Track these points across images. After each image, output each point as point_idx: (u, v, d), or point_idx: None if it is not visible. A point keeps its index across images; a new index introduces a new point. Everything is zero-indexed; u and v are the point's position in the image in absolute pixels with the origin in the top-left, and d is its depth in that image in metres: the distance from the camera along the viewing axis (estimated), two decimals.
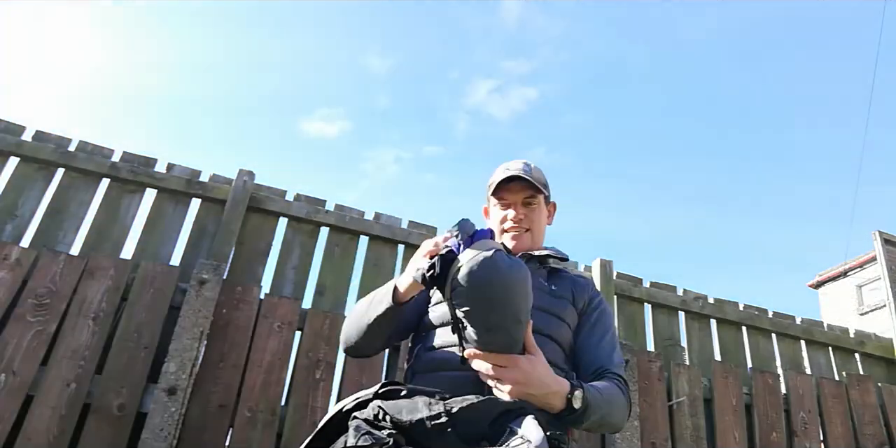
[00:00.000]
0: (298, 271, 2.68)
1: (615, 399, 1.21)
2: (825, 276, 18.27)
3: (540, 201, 1.46)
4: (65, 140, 2.59)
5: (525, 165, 1.46)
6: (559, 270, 1.45)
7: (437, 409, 1.00)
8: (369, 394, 1.11)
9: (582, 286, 1.42)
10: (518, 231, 1.43)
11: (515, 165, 1.45)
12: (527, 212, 1.44)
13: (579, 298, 1.39)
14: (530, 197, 1.44)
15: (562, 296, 1.37)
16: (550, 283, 1.39)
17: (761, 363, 3.21)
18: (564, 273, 1.45)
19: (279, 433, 2.21)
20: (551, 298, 1.35)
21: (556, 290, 1.38)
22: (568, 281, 1.42)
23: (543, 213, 1.48)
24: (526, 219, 1.44)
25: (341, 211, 2.85)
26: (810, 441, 2.89)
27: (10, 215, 2.40)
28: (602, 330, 1.37)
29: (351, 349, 1.33)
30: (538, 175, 1.46)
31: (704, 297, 3.26)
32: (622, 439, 2.52)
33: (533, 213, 1.45)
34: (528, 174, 1.43)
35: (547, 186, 1.48)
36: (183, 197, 2.66)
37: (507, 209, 1.44)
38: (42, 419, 1.98)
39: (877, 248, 4.06)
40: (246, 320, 2.34)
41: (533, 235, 1.45)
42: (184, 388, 2.10)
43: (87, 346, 2.11)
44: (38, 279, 2.16)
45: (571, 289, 1.40)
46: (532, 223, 1.44)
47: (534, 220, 1.45)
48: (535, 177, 1.43)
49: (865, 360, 3.46)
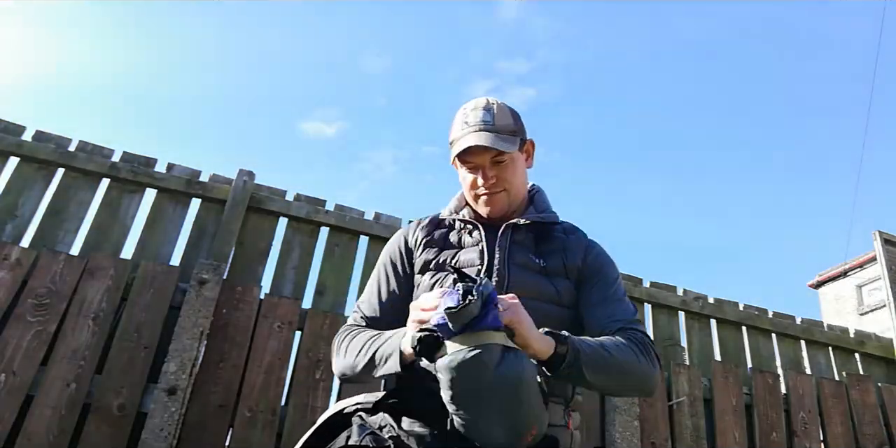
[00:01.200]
0: (298, 271, 2.68)
1: (620, 354, 1.09)
2: (825, 276, 18.27)
3: (511, 156, 1.26)
4: (65, 140, 2.58)
5: (486, 113, 1.25)
6: (548, 230, 1.31)
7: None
8: (370, 402, 1.10)
9: (573, 249, 1.28)
10: (491, 195, 1.26)
11: (475, 116, 1.25)
12: (497, 172, 1.25)
13: (572, 266, 1.26)
14: (499, 155, 1.24)
15: (555, 271, 1.24)
16: (540, 257, 1.25)
17: (761, 363, 3.21)
18: (555, 233, 1.31)
19: (279, 433, 2.21)
20: (545, 279, 1.23)
21: (548, 264, 1.24)
22: (558, 245, 1.28)
23: (518, 165, 1.29)
24: (498, 181, 1.26)
25: (341, 211, 2.85)
26: (810, 441, 2.89)
27: (10, 215, 2.40)
28: (605, 284, 1.26)
29: (347, 380, 1.25)
30: (503, 121, 1.26)
31: (704, 297, 3.26)
32: (622, 439, 2.52)
33: (505, 172, 1.26)
34: (491, 126, 1.23)
35: (517, 130, 1.28)
36: (183, 197, 2.66)
37: (476, 173, 1.26)
38: (42, 419, 1.98)
39: (877, 248, 4.05)
40: (246, 320, 2.34)
41: (510, 194, 1.27)
42: (184, 388, 2.10)
43: (87, 346, 2.11)
44: (38, 279, 2.16)
45: (562, 257, 1.26)
46: (506, 182, 1.27)
47: (507, 178, 1.26)
48: (500, 127, 1.24)
49: (865, 360, 3.46)
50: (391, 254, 1.33)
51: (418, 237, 1.31)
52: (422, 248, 1.29)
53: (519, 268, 1.22)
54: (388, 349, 1.08)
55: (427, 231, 1.32)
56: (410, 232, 1.34)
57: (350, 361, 1.17)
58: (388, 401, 1.09)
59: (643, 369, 1.13)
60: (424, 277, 1.25)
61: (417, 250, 1.29)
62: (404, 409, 1.08)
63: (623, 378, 1.11)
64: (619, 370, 1.09)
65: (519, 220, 1.27)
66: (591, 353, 1.05)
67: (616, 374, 1.09)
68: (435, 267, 1.25)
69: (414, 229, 1.34)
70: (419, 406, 1.06)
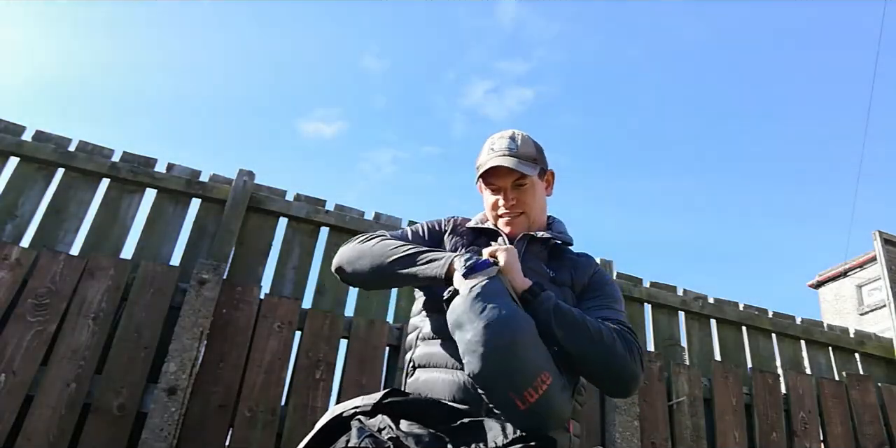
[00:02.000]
0: (298, 271, 2.68)
1: (590, 321, 1.17)
2: (825, 276, 18.27)
3: (532, 181, 1.37)
4: (65, 140, 2.58)
5: (511, 142, 1.37)
6: (561, 251, 1.40)
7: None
8: (368, 404, 1.10)
9: (582, 268, 1.37)
10: (512, 216, 1.37)
11: (501, 144, 1.38)
12: (518, 195, 1.37)
13: (578, 282, 1.35)
14: (520, 179, 1.36)
15: (563, 283, 1.33)
16: (551, 268, 1.34)
17: (761, 363, 3.21)
18: (567, 254, 1.40)
19: (279, 433, 2.21)
20: (553, 287, 1.30)
21: (557, 276, 1.33)
22: (569, 263, 1.37)
23: (538, 191, 1.41)
24: (518, 203, 1.37)
25: (341, 211, 2.85)
26: (810, 441, 2.89)
27: (10, 215, 2.40)
28: (606, 298, 1.33)
29: (351, 278, 1.31)
30: (526, 150, 1.37)
31: (704, 297, 3.26)
32: (622, 439, 2.52)
33: (525, 196, 1.37)
34: (515, 153, 1.35)
35: (538, 159, 1.39)
36: (183, 197, 2.65)
37: (498, 194, 1.38)
38: (42, 419, 1.98)
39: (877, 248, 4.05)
40: (246, 320, 2.34)
41: (529, 217, 1.38)
42: (184, 388, 2.10)
43: (87, 346, 2.11)
44: (38, 279, 2.16)
45: (571, 273, 1.35)
46: (525, 205, 1.37)
47: (527, 202, 1.37)
48: (522, 154, 1.35)
49: (865, 360, 3.46)
50: (432, 227, 1.44)
51: (450, 228, 1.43)
52: (451, 235, 1.41)
53: (530, 271, 1.28)
54: (434, 256, 1.20)
55: (457, 229, 1.43)
56: (446, 222, 1.46)
57: (375, 259, 1.25)
58: (385, 401, 1.09)
59: (618, 351, 1.17)
60: None
61: (448, 238, 1.41)
62: (402, 410, 1.08)
63: (594, 346, 1.15)
64: (589, 337, 1.15)
65: (536, 233, 1.36)
66: (565, 309, 1.16)
67: (586, 339, 1.15)
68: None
69: (450, 222, 1.46)
70: (416, 407, 1.06)
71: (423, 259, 1.20)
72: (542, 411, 1.01)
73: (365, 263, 1.26)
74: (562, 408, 1.06)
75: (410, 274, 1.20)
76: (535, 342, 1.06)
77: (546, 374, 1.02)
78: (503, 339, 1.00)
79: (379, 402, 1.09)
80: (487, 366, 0.99)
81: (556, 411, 1.04)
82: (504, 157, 1.34)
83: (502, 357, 1.00)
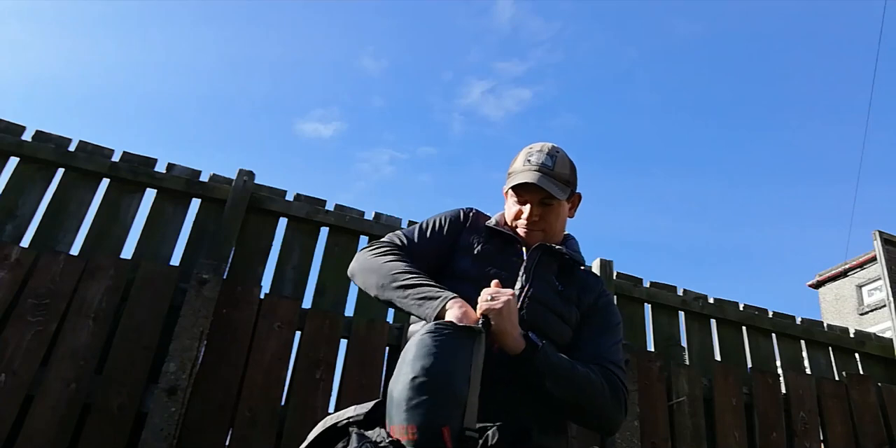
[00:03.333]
0: (298, 271, 2.68)
1: (582, 373, 1.19)
2: (825, 276, 18.27)
3: (558, 203, 1.39)
4: (65, 140, 2.58)
5: (548, 158, 1.38)
6: (572, 267, 1.42)
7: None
8: (361, 414, 1.10)
9: (591, 287, 1.40)
10: (530, 229, 1.39)
11: (538, 158, 1.38)
12: (542, 212, 1.38)
13: (585, 300, 1.37)
14: (548, 198, 1.37)
15: (568, 298, 1.35)
16: (560, 283, 1.36)
17: (761, 363, 3.21)
18: (578, 272, 1.42)
19: (279, 433, 2.21)
20: (557, 297, 1.33)
21: (564, 290, 1.35)
22: (578, 281, 1.40)
23: (562, 211, 1.42)
24: (541, 220, 1.39)
25: (341, 211, 2.84)
26: (810, 441, 2.89)
27: (10, 215, 2.40)
28: (604, 326, 1.35)
29: (362, 288, 1.34)
30: (562, 169, 1.38)
31: (704, 297, 3.25)
32: (622, 439, 2.52)
33: (549, 214, 1.39)
34: (550, 170, 1.36)
35: (571, 181, 1.41)
36: (183, 197, 2.65)
37: (524, 205, 1.39)
38: (42, 419, 1.98)
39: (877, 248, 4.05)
40: (246, 320, 2.34)
41: (546, 234, 1.40)
42: (184, 388, 2.10)
43: (87, 346, 2.11)
44: (38, 279, 2.16)
45: (578, 290, 1.38)
46: (547, 224, 1.39)
47: (549, 220, 1.39)
48: (557, 174, 1.37)
49: (865, 360, 3.46)
50: (450, 219, 1.44)
51: (471, 221, 1.44)
52: (470, 231, 1.42)
53: (539, 281, 1.33)
54: (434, 294, 1.20)
55: (475, 224, 1.44)
56: (468, 214, 1.46)
57: (387, 270, 1.27)
58: (379, 412, 1.08)
59: (606, 403, 1.21)
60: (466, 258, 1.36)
61: (466, 232, 1.42)
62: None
63: (584, 398, 1.19)
64: (579, 389, 1.18)
65: (553, 246, 1.39)
66: (557, 364, 1.16)
67: (576, 391, 1.18)
68: (477, 255, 1.37)
69: (469, 215, 1.46)
70: None
71: (420, 295, 1.21)
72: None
73: (371, 282, 1.29)
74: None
75: (406, 307, 1.23)
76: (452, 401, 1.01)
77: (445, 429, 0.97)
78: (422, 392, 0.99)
79: (372, 411, 1.09)
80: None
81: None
82: (539, 174, 1.35)
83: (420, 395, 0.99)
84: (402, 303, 1.23)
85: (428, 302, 1.19)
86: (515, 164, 1.41)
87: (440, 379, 1.00)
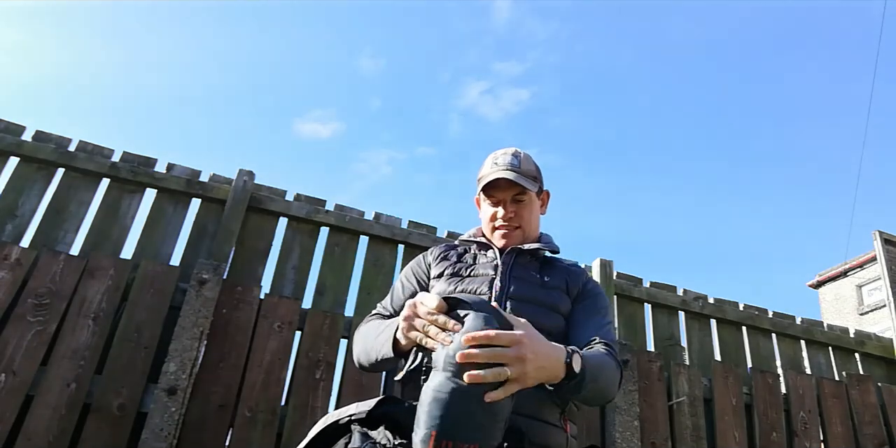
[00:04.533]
0: (298, 271, 2.68)
1: (605, 364, 1.19)
2: (825, 276, 18.28)
3: (530, 197, 1.44)
4: (65, 140, 2.58)
5: (513, 158, 1.43)
6: (552, 261, 1.45)
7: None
8: (363, 412, 1.09)
9: (576, 275, 1.43)
10: (508, 229, 1.43)
11: (504, 159, 1.43)
12: (517, 209, 1.43)
13: (573, 287, 1.40)
14: (520, 194, 1.43)
15: (555, 286, 1.37)
16: (543, 275, 1.39)
17: (761, 363, 3.21)
18: (558, 263, 1.45)
19: (279, 433, 2.21)
20: (544, 290, 1.35)
21: (549, 281, 1.38)
22: (562, 271, 1.42)
23: (535, 207, 1.47)
24: (516, 217, 1.43)
25: (341, 211, 2.84)
26: (810, 441, 2.89)
27: (10, 215, 2.40)
28: (594, 310, 1.37)
29: (366, 370, 1.32)
30: (528, 167, 1.44)
31: (704, 297, 3.26)
32: (622, 439, 2.52)
33: (523, 210, 1.44)
34: (517, 168, 1.41)
35: (538, 178, 1.46)
36: (183, 197, 2.65)
37: (497, 207, 1.44)
38: (42, 419, 1.98)
39: (877, 248, 4.06)
40: (246, 320, 2.34)
41: (524, 232, 1.44)
42: (184, 388, 2.10)
43: (87, 346, 2.11)
44: (38, 279, 2.16)
45: (566, 278, 1.40)
46: (522, 220, 1.44)
47: (524, 216, 1.44)
48: (524, 171, 1.42)
49: (865, 360, 3.46)
50: (412, 268, 1.50)
51: (435, 254, 1.48)
52: (438, 260, 1.46)
53: (518, 280, 1.35)
54: (385, 331, 1.18)
55: (444, 250, 1.49)
56: (429, 253, 1.51)
57: (360, 347, 1.29)
58: (380, 409, 1.08)
59: (617, 382, 1.23)
60: (440, 281, 1.39)
61: (435, 263, 1.46)
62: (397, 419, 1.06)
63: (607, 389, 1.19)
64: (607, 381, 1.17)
65: (523, 246, 1.42)
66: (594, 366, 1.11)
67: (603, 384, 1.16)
68: (450, 274, 1.40)
69: (432, 251, 1.51)
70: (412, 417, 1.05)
71: (380, 338, 1.19)
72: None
73: (364, 360, 1.28)
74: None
75: (383, 360, 1.18)
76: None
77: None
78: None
79: (373, 409, 1.09)
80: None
81: None
82: (508, 171, 1.40)
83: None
84: (383, 361, 1.18)
85: (381, 336, 1.18)
86: (483, 169, 1.46)
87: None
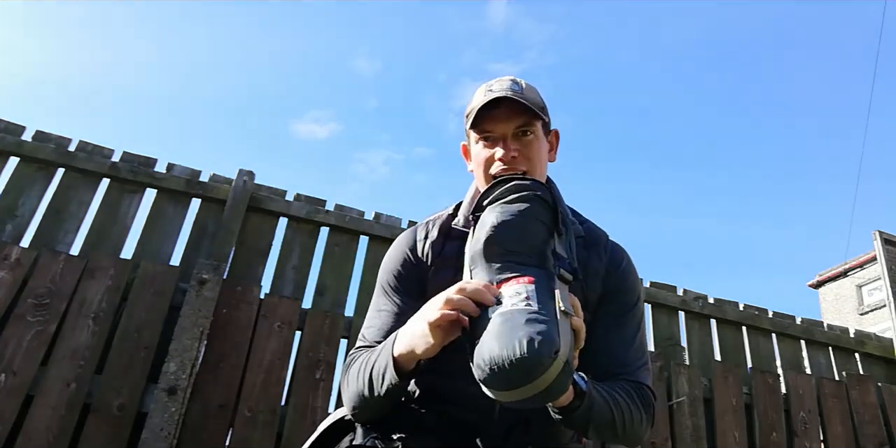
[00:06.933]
0: (298, 271, 2.68)
1: (627, 414, 0.96)
2: (825, 276, 18.28)
3: (538, 129, 1.08)
4: (65, 140, 2.58)
5: (513, 83, 1.08)
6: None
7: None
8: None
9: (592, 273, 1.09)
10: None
11: (501, 85, 1.07)
12: (520, 146, 1.06)
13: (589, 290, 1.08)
14: (524, 125, 1.06)
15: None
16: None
17: (761, 363, 3.21)
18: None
19: (279, 433, 2.21)
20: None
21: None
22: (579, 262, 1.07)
23: (543, 148, 1.10)
24: (520, 156, 1.06)
25: (341, 211, 2.84)
26: (810, 441, 2.89)
27: (10, 215, 2.40)
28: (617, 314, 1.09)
29: (361, 412, 1.03)
30: (532, 95, 1.08)
31: (704, 297, 3.25)
32: None
33: (530, 148, 1.06)
34: (520, 95, 1.05)
35: (545, 110, 1.10)
36: (183, 197, 2.65)
37: (495, 146, 1.07)
38: (42, 419, 1.98)
39: (877, 248, 4.06)
40: (246, 320, 2.34)
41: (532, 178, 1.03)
42: (184, 388, 2.10)
43: (87, 346, 2.11)
44: (38, 279, 2.16)
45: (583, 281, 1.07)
46: (528, 162, 1.06)
47: (531, 156, 1.06)
48: (528, 98, 1.06)
49: (865, 359, 3.46)
50: (393, 272, 1.11)
51: (428, 252, 1.10)
52: (434, 266, 1.08)
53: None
54: (383, 358, 0.95)
55: (440, 244, 1.10)
56: (418, 243, 1.12)
57: (353, 390, 1.01)
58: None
59: (640, 428, 1.00)
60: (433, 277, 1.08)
61: (428, 267, 1.09)
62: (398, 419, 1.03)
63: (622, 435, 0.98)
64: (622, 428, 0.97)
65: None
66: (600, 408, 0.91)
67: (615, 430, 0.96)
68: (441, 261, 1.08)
69: (422, 240, 1.12)
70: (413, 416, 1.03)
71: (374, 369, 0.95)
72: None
73: (359, 404, 1.01)
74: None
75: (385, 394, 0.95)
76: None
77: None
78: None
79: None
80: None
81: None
82: (510, 93, 1.05)
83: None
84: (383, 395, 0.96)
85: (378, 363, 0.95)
86: (473, 101, 1.10)
87: None
